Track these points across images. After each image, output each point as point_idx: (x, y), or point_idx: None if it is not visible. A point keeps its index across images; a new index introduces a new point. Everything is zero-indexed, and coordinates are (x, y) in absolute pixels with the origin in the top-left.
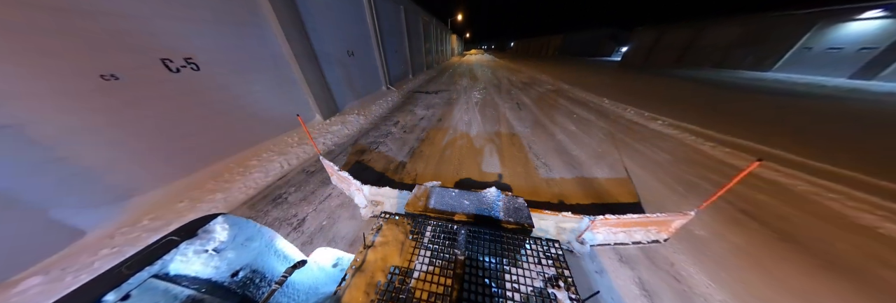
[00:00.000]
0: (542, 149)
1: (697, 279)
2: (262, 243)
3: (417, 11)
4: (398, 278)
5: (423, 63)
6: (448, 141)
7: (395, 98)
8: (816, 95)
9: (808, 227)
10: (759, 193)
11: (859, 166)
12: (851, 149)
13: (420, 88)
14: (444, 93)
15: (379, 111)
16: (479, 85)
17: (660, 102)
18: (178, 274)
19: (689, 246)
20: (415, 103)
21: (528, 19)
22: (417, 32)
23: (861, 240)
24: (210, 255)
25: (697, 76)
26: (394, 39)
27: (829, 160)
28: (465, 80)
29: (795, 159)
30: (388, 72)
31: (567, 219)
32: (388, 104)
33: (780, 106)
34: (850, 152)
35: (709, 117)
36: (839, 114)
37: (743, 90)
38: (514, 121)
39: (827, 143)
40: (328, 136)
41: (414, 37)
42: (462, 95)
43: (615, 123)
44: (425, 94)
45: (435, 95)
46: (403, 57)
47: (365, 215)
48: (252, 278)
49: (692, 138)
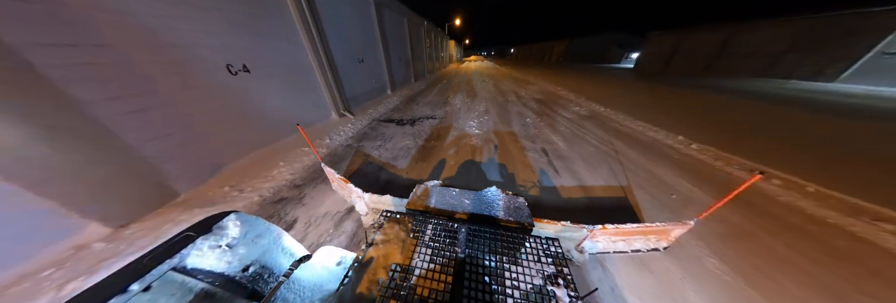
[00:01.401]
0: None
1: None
2: (271, 239)
3: (402, 11)
4: (399, 275)
5: (406, 74)
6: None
7: (339, 140)
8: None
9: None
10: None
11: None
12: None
13: (395, 113)
14: (426, 122)
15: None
16: (479, 106)
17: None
18: (194, 268)
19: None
20: (361, 151)
21: (529, 24)
22: (399, 36)
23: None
24: (223, 250)
25: (744, 88)
26: (370, 51)
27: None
28: (459, 97)
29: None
30: (340, 95)
31: (566, 228)
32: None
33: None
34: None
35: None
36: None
37: (830, 110)
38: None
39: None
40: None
41: (394, 42)
42: (453, 125)
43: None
44: (395, 125)
45: (410, 127)
46: (376, 69)
47: (366, 223)
48: (261, 273)
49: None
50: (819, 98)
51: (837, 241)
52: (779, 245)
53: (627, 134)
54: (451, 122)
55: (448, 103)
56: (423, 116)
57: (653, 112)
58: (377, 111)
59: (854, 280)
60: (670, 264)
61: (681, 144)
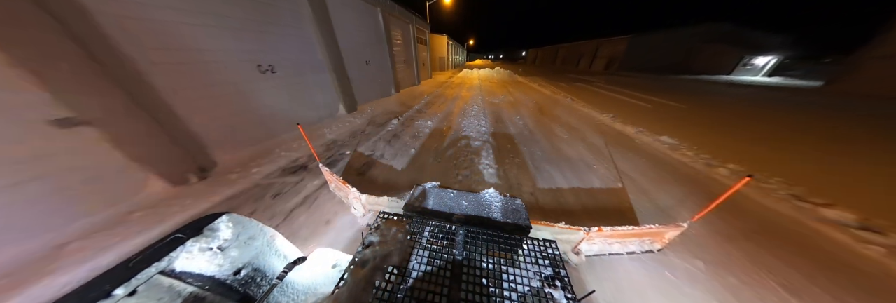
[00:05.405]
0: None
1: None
2: (264, 241)
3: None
4: (396, 277)
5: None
6: None
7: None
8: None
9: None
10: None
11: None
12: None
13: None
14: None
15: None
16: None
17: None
18: (183, 271)
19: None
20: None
21: (551, 21)
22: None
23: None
24: (214, 253)
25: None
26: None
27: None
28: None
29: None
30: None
31: (563, 230)
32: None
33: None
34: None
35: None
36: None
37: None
38: None
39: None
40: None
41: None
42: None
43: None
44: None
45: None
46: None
47: (362, 224)
48: (253, 277)
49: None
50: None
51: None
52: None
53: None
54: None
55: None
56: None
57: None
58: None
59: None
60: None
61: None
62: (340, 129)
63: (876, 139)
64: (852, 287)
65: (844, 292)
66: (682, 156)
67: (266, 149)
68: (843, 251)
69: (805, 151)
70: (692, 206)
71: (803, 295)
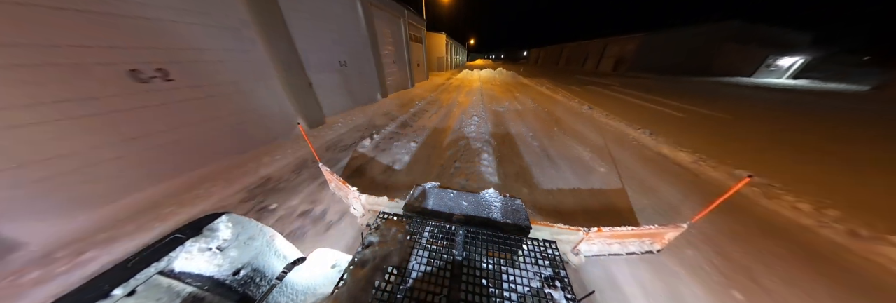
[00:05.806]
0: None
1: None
2: (263, 241)
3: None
4: (396, 278)
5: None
6: None
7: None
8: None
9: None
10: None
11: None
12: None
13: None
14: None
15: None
16: None
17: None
18: (182, 271)
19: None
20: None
21: (553, 20)
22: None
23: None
24: (213, 253)
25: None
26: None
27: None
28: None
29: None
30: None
31: (562, 231)
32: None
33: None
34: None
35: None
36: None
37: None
38: None
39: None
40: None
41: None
42: None
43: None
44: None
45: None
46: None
47: (361, 224)
48: (252, 277)
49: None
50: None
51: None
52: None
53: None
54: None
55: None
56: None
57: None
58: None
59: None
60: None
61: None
62: (287, 158)
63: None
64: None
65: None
66: (795, 212)
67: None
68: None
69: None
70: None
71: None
